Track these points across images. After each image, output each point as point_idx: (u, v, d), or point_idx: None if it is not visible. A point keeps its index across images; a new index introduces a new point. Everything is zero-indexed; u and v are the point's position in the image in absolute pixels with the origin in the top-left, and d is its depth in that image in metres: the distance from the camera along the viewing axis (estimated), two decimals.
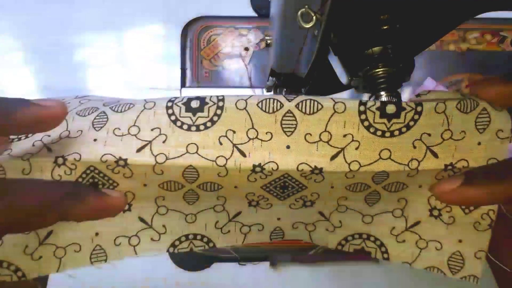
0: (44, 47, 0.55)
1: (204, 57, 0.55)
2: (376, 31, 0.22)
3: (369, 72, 0.22)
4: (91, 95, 0.27)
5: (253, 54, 0.55)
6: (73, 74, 0.54)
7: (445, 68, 0.56)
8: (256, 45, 0.56)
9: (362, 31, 0.22)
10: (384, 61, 0.22)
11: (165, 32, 0.57)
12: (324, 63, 0.25)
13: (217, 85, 0.54)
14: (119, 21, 0.57)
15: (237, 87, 0.54)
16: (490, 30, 0.57)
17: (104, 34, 0.56)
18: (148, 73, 0.54)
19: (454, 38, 0.57)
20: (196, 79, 0.54)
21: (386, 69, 0.22)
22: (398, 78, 0.22)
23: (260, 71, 0.55)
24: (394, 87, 0.22)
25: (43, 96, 0.55)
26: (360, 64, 0.22)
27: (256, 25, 0.57)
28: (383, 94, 0.22)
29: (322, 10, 0.21)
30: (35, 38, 0.56)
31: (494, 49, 0.57)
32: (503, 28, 0.57)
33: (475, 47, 0.57)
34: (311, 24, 0.22)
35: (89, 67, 0.55)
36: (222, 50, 0.55)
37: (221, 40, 0.56)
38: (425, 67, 0.55)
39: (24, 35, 0.56)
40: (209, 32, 0.56)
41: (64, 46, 0.55)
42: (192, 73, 0.54)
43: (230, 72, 0.55)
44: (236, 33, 0.56)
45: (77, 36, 0.56)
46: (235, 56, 0.55)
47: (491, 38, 0.57)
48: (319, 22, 0.22)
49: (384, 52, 0.22)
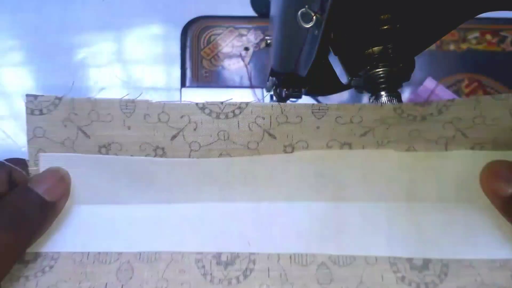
0: (44, 47, 0.55)
1: (204, 57, 0.55)
2: (376, 31, 0.22)
3: (369, 72, 0.22)
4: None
5: (253, 54, 0.55)
6: (73, 74, 0.54)
7: (445, 68, 0.56)
8: (256, 45, 0.56)
9: (362, 31, 0.22)
10: (384, 61, 0.22)
11: (165, 32, 0.57)
12: (324, 63, 0.25)
13: (217, 85, 0.54)
14: (118, 21, 0.57)
15: (237, 87, 0.54)
16: (490, 30, 0.57)
17: (104, 34, 0.56)
18: (148, 73, 0.54)
19: (454, 38, 0.57)
20: (196, 79, 0.54)
21: (386, 69, 0.22)
22: (398, 78, 0.22)
23: (260, 71, 0.55)
24: (394, 87, 0.22)
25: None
26: (360, 64, 0.22)
27: (256, 25, 0.57)
28: (383, 94, 0.22)
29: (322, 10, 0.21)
30: (35, 38, 0.56)
31: (494, 49, 0.57)
32: (503, 28, 0.57)
33: (475, 47, 0.57)
34: (311, 24, 0.22)
35: (89, 67, 0.55)
36: (222, 50, 0.55)
37: (221, 40, 0.56)
38: (425, 67, 0.55)
39: (24, 35, 0.56)
40: (209, 32, 0.56)
41: (64, 46, 0.55)
42: (192, 73, 0.54)
43: (230, 72, 0.54)
44: (236, 33, 0.56)
45: (77, 36, 0.56)
46: (235, 56, 0.55)
47: (491, 38, 0.57)
48: (319, 22, 0.21)
49: (385, 52, 0.22)
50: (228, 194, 0.25)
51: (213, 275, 0.23)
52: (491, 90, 0.54)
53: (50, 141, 0.24)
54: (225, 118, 0.23)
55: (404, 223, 0.24)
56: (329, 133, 0.23)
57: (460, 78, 0.55)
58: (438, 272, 0.23)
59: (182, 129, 0.23)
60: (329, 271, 0.23)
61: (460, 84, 0.54)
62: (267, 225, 0.24)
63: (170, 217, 0.25)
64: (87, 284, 0.23)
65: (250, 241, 0.24)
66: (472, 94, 0.54)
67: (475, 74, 0.55)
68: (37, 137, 0.24)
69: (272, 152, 0.24)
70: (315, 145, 0.23)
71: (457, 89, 0.54)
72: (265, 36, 0.38)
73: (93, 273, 0.24)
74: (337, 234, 0.24)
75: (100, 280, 0.24)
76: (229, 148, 0.23)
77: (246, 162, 0.24)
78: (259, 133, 0.23)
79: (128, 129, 0.24)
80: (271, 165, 0.24)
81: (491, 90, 0.54)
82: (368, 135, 0.23)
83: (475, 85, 0.54)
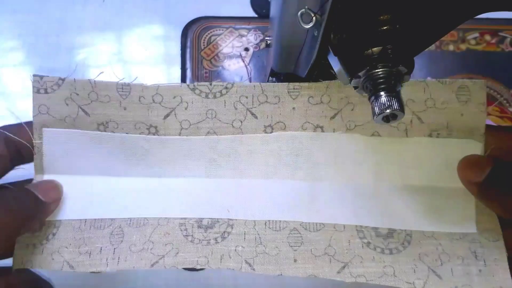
0: (44, 47, 0.55)
1: (204, 58, 0.55)
2: (376, 32, 0.22)
3: (369, 73, 0.22)
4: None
5: (253, 54, 0.55)
6: (73, 74, 0.54)
7: (445, 68, 0.56)
8: (256, 45, 0.56)
9: (362, 32, 0.22)
10: (384, 62, 0.22)
11: (165, 32, 0.57)
12: (324, 63, 0.25)
13: None
14: (119, 21, 0.57)
15: None
16: (490, 30, 0.57)
17: (104, 34, 0.56)
18: (148, 73, 0.55)
19: (454, 38, 0.57)
20: (196, 79, 0.54)
21: (386, 69, 0.22)
22: (398, 78, 0.22)
23: (260, 72, 0.55)
24: (394, 87, 0.22)
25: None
26: (360, 64, 0.22)
27: (256, 25, 0.57)
28: (383, 94, 0.22)
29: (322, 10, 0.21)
30: (35, 38, 0.56)
31: (493, 50, 0.57)
32: (503, 29, 0.57)
33: (474, 48, 0.57)
34: (311, 24, 0.22)
35: (89, 67, 0.55)
36: (222, 50, 0.56)
37: (221, 41, 0.56)
38: (424, 67, 0.55)
39: (24, 35, 0.56)
40: (209, 33, 0.56)
41: (64, 46, 0.55)
42: (192, 74, 0.54)
43: (230, 72, 0.55)
44: (236, 33, 0.56)
45: (77, 36, 0.56)
46: (235, 57, 0.55)
47: (490, 39, 0.57)
48: (319, 22, 0.22)
49: (384, 52, 0.22)
50: (213, 170, 0.28)
51: (194, 236, 0.26)
52: (490, 90, 0.54)
53: (53, 118, 0.27)
54: (213, 98, 0.25)
55: (371, 199, 0.27)
56: (303, 114, 0.26)
57: (459, 78, 0.55)
58: (402, 240, 0.25)
59: (174, 108, 0.26)
60: (300, 235, 0.26)
61: None
62: (247, 198, 0.27)
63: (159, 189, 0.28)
64: (84, 248, 0.26)
65: (230, 209, 0.27)
66: None
67: (474, 74, 0.55)
68: (41, 113, 0.27)
69: (253, 132, 0.26)
70: (291, 126, 0.26)
71: None
72: (265, 36, 0.38)
73: (90, 238, 0.27)
74: (309, 205, 0.27)
75: (95, 244, 0.27)
76: (215, 127, 0.26)
77: (230, 141, 0.26)
78: (242, 111, 0.26)
79: (124, 109, 0.26)
80: (253, 143, 0.27)
81: (490, 90, 0.54)
82: (337, 118, 0.26)
83: None
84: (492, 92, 0.54)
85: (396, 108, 0.22)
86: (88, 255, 0.26)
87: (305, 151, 0.27)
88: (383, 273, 0.24)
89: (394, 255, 0.25)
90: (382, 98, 0.22)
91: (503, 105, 0.53)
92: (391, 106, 0.22)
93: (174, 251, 0.26)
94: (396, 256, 0.25)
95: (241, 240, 0.26)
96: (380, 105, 0.22)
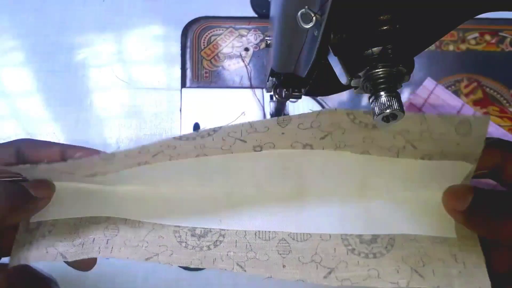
0: (44, 47, 0.55)
1: (204, 58, 0.55)
2: (376, 32, 0.22)
3: (369, 73, 0.22)
4: None
5: (253, 54, 0.55)
6: (73, 74, 0.54)
7: (445, 68, 0.56)
8: (256, 45, 0.56)
9: (362, 32, 0.22)
10: (384, 62, 0.22)
11: (165, 32, 0.57)
12: (324, 63, 0.25)
13: (217, 86, 0.54)
14: (119, 21, 0.57)
15: (237, 87, 0.54)
16: (489, 30, 0.57)
17: (104, 34, 0.56)
18: (148, 73, 0.55)
19: (454, 38, 0.57)
20: (196, 80, 0.54)
21: (385, 69, 0.22)
22: (398, 79, 0.22)
23: (260, 72, 0.55)
24: (394, 87, 0.22)
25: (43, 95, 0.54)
26: (360, 64, 0.22)
27: (256, 25, 0.57)
28: (383, 94, 0.22)
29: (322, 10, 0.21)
30: (35, 38, 0.56)
31: (493, 50, 0.57)
32: (502, 29, 0.57)
33: (474, 48, 0.57)
34: (311, 24, 0.22)
35: (89, 67, 0.55)
36: (222, 50, 0.56)
37: (221, 41, 0.56)
38: (424, 67, 0.55)
39: (24, 35, 0.56)
40: (209, 33, 0.56)
41: (64, 46, 0.55)
42: (192, 74, 0.54)
43: (230, 72, 0.55)
44: (236, 33, 0.56)
45: (77, 36, 0.56)
46: (235, 57, 0.55)
47: (490, 39, 0.57)
48: (319, 22, 0.22)
49: (384, 52, 0.22)
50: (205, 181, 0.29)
51: (187, 243, 0.27)
52: (490, 90, 0.54)
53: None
54: (201, 138, 0.25)
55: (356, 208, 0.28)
56: (293, 137, 0.26)
57: (459, 78, 0.55)
58: (385, 244, 0.26)
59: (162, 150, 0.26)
60: (288, 244, 0.27)
61: (459, 84, 0.55)
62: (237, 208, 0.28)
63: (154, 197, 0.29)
64: (78, 241, 0.27)
65: (222, 220, 0.28)
66: (471, 94, 0.54)
67: (474, 74, 0.55)
68: None
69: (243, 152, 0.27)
70: (280, 145, 0.27)
71: (456, 89, 0.54)
72: (265, 36, 0.38)
73: (84, 231, 0.28)
74: (296, 216, 0.28)
75: (89, 236, 0.27)
76: (204, 152, 0.27)
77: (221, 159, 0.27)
78: (231, 141, 0.26)
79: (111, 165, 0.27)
80: (242, 160, 0.27)
81: (490, 90, 0.54)
82: (327, 138, 0.26)
83: (474, 85, 0.54)
84: (492, 92, 0.54)
85: (396, 108, 0.22)
86: (81, 246, 0.27)
87: (293, 165, 0.28)
88: (367, 275, 0.25)
89: (378, 259, 0.26)
90: (382, 98, 0.22)
91: (503, 105, 0.53)
92: (391, 106, 0.22)
93: (169, 252, 0.26)
94: (380, 259, 0.26)
95: (233, 246, 0.27)
96: (380, 105, 0.22)
